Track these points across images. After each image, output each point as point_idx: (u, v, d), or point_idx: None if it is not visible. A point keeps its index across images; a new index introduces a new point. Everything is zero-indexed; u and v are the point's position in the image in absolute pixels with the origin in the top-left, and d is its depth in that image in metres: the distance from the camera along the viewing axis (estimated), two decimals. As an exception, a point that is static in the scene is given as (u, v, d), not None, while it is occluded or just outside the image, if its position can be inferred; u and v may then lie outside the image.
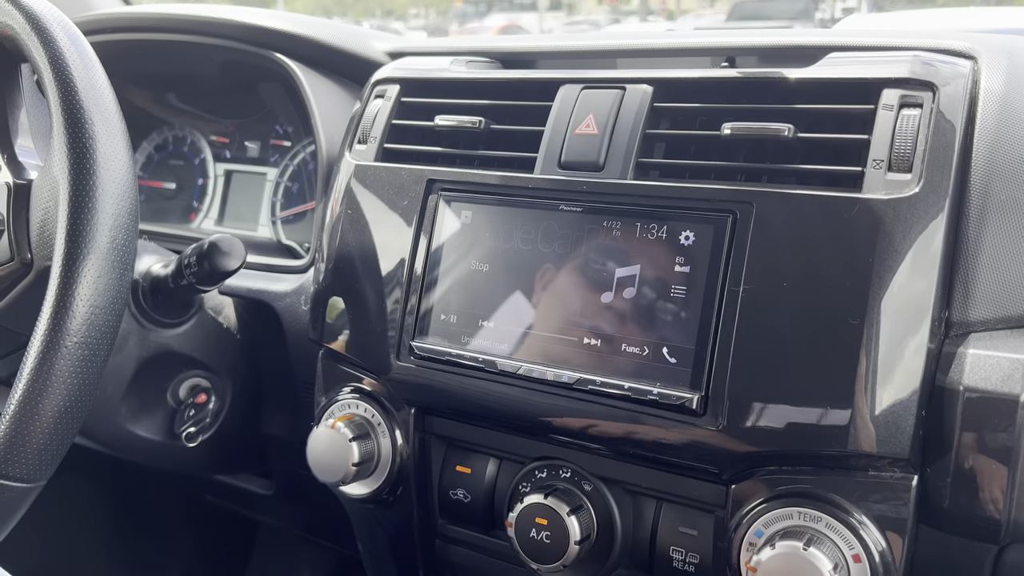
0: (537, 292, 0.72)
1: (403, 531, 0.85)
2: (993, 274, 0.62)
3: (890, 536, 0.61)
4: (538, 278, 0.72)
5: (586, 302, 0.70)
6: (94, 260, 0.61)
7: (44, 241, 0.69)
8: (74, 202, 0.61)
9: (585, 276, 0.70)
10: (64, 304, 0.60)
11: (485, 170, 0.77)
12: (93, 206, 0.61)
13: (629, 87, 0.73)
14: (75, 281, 0.60)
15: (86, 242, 0.61)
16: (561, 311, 0.71)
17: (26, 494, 0.62)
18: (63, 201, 0.62)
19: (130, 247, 0.63)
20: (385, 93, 0.86)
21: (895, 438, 0.60)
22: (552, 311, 0.71)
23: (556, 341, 0.71)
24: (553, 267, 0.72)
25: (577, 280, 0.70)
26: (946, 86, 0.64)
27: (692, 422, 0.64)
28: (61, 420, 0.60)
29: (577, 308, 0.70)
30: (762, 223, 0.63)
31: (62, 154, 0.63)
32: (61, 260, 0.61)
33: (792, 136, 0.65)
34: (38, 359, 0.59)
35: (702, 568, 0.70)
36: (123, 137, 0.66)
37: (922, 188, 0.60)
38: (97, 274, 0.61)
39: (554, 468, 0.75)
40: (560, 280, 0.71)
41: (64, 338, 0.59)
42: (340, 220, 0.83)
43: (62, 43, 0.66)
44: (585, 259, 0.70)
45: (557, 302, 0.71)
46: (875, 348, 0.59)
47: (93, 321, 0.61)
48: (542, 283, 0.72)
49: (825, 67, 0.68)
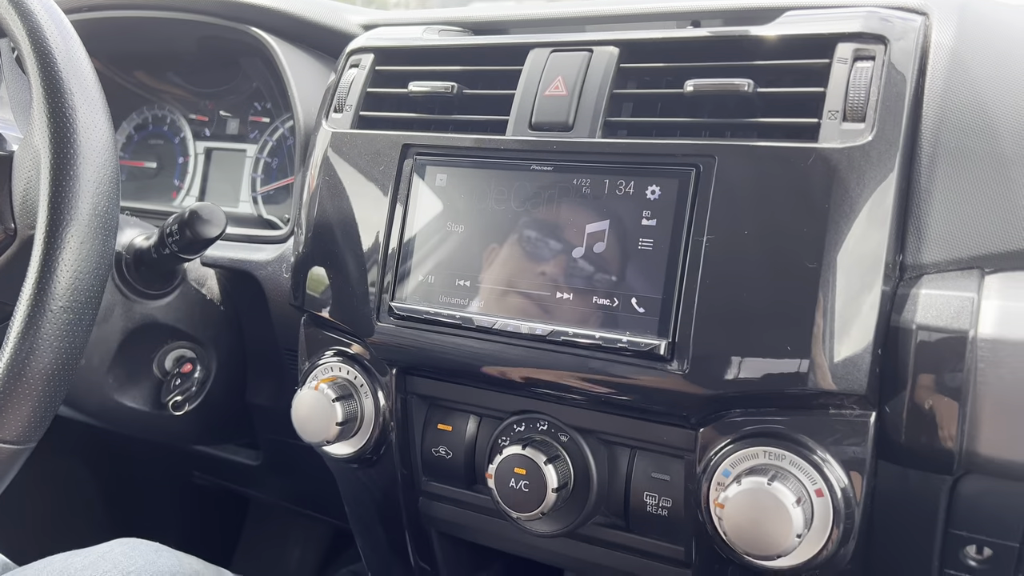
0: (511, 250, 0.74)
1: (387, 490, 0.88)
2: (944, 219, 0.65)
3: (851, 471, 0.64)
4: (511, 236, 0.74)
5: (558, 257, 0.72)
6: (77, 226, 0.62)
7: (27, 211, 0.71)
8: (56, 171, 0.63)
9: (556, 232, 0.72)
10: (48, 270, 0.61)
11: (459, 134, 0.79)
12: (75, 174, 0.63)
13: (596, 49, 0.75)
14: (59, 247, 0.62)
15: (69, 209, 0.62)
16: (534, 267, 0.73)
17: (17, 455, 0.64)
18: (45, 170, 0.64)
19: (112, 214, 0.65)
20: (360, 62, 0.87)
21: (853, 376, 0.62)
22: (525, 267, 0.73)
23: (530, 296, 0.73)
24: (526, 225, 0.74)
25: (549, 236, 0.73)
26: (898, 40, 0.66)
27: (660, 368, 0.67)
28: (49, 383, 0.62)
29: (549, 263, 0.72)
30: (724, 175, 0.66)
31: (42, 124, 0.64)
32: (44, 228, 0.62)
33: (752, 91, 0.68)
34: (24, 324, 0.61)
35: (675, 511, 0.73)
36: (103, 107, 0.67)
37: (875, 137, 0.63)
38: (80, 240, 0.62)
39: (531, 421, 0.77)
40: (533, 237, 0.73)
41: (49, 302, 0.61)
42: (318, 188, 0.85)
43: (40, 16, 0.67)
44: (556, 216, 0.73)
45: (530, 259, 0.73)
46: (832, 291, 0.62)
47: (77, 286, 0.62)
48: (515, 241, 0.74)
49: (783, 24, 0.71)
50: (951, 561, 0.68)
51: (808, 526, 0.63)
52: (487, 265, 0.75)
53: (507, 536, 0.83)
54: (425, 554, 0.92)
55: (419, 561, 0.93)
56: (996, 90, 0.67)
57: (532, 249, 0.74)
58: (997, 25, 0.72)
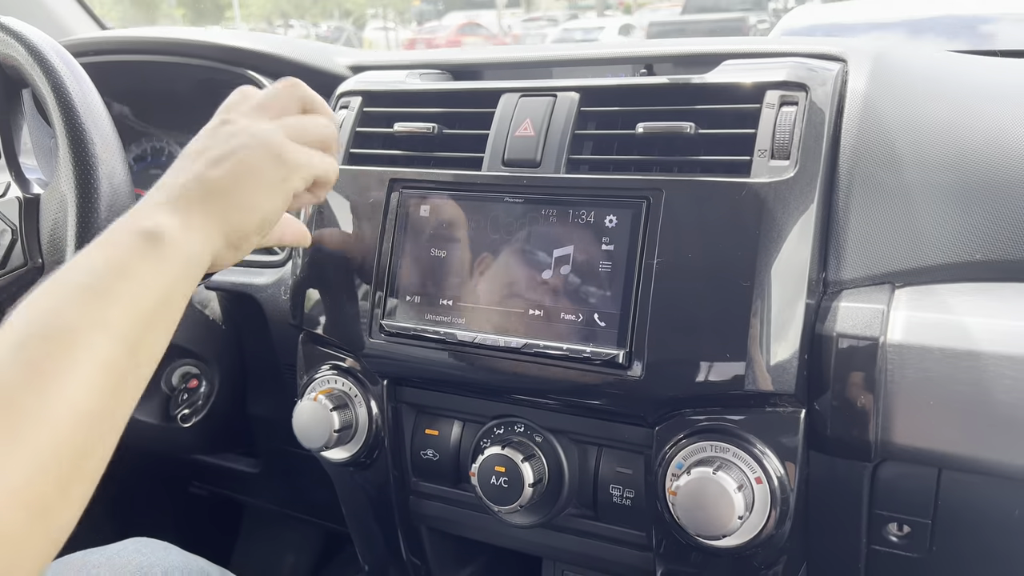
0: (488, 272, 0.84)
1: (381, 490, 0.96)
2: (859, 241, 0.75)
3: (786, 461, 0.74)
4: (488, 260, 0.84)
5: (529, 279, 0.82)
6: None
7: (55, 247, 0.79)
8: (81, 213, 0.72)
9: (528, 257, 0.82)
10: None
11: (440, 169, 0.88)
12: (98, 215, 0.72)
13: (560, 94, 0.85)
14: None
15: None
16: (509, 287, 0.83)
17: None
18: (71, 213, 0.72)
19: None
20: (349, 104, 0.97)
21: (784, 378, 0.72)
22: (501, 288, 0.83)
23: (505, 313, 0.82)
24: (501, 250, 0.83)
25: (521, 260, 0.82)
26: (818, 87, 0.76)
27: (620, 375, 0.77)
28: None
29: (522, 284, 0.82)
30: (670, 206, 0.76)
31: (68, 173, 0.73)
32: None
33: (694, 132, 0.78)
34: None
35: (637, 500, 0.82)
36: (120, 153, 0.76)
37: (798, 172, 0.73)
38: None
39: (509, 424, 0.87)
40: (507, 261, 0.83)
41: None
42: (314, 217, 0.94)
43: (62, 72, 0.76)
44: (527, 242, 0.82)
45: (505, 280, 0.83)
46: (765, 305, 0.72)
47: None
48: (491, 264, 0.84)
49: (721, 73, 0.81)
50: (876, 538, 0.78)
51: (749, 509, 0.72)
52: (467, 286, 0.85)
53: (490, 529, 0.92)
54: (416, 549, 1.01)
55: (411, 556, 1.01)
56: (901, 128, 0.77)
57: (507, 271, 0.83)
58: (905, 71, 0.83)
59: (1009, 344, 0.67)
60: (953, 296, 0.72)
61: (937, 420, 0.69)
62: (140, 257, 0.57)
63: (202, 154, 0.65)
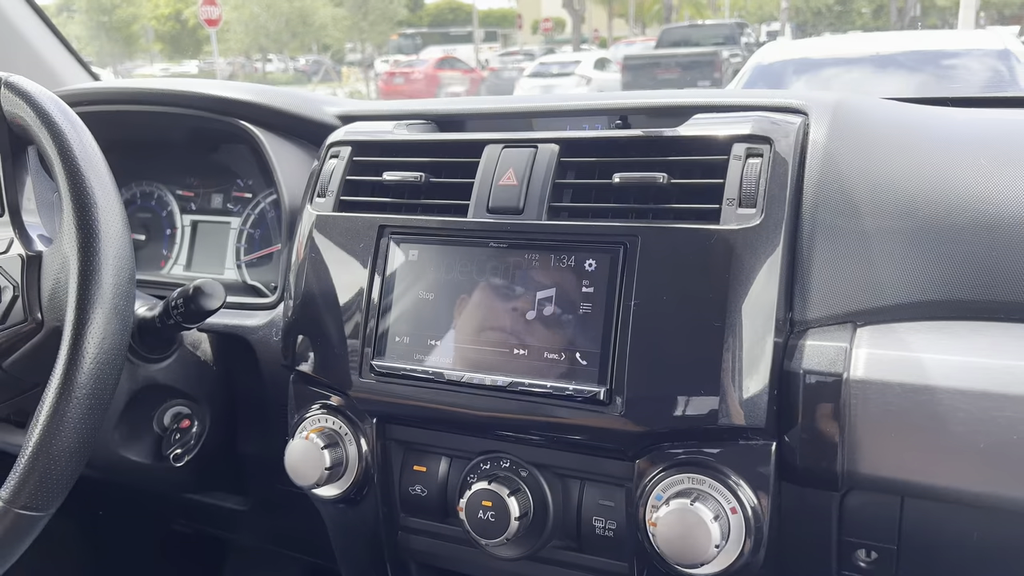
0: (474, 314, 0.88)
1: (370, 526, 0.99)
2: (822, 283, 0.80)
3: (759, 491, 0.78)
4: (474, 302, 0.88)
5: (514, 320, 0.86)
6: (99, 322, 0.73)
7: (55, 305, 0.81)
8: (83, 275, 0.74)
9: (512, 299, 0.86)
10: (74, 360, 0.72)
11: (427, 216, 0.93)
12: (99, 279, 0.74)
13: (540, 146, 0.90)
14: (83, 341, 0.72)
15: (93, 308, 0.73)
16: (494, 328, 0.86)
17: (38, 521, 0.74)
18: (73, 274, 0.74)
19: (129, 310, 0.76)
20: (339, 153, 1.01)
21: (755, 413, 0.77)
22: (487, 329, 0.87)
23: (491, 353, 0.86)
24: (486, 293, 0.87)
25: (506, 302, 0.86)
26: (781, 139, 0.82)
27: (601, 411, 0.81)
28: (71, 457, 0.72)
29: (507, 325, 0.86)
30: (646, 251, 0.80)
31: (71, 234, 0.75)
32: (72, 323, 0.73)
33: (667, 183, 0.83)
34: (52, 407, 0.71)
35: (619, 531, 0.86)
36: (122, 216, 0.78)
37: (764, 219, 0.78)
38: (102, 335, 0.73)
39: (496, 459, 0.90)
40: (492, 303, 0.87)
41: (74, 389, 0.71)
42: (305, 262, 0.98)
43: (68, 135, 0.78)
44: (511, 285, 0.86)
45: (491, 321, 0.87)
46: (735, 344, 0.77)
47: (99, 375, 0.73)
48: (477, 306, 0.88)
49: (692, 126, 0.87)
50: (846, 564, 0.82)
51: (725, 538, 0.76)
52: (454, 327, 0.88)
53: (477, 562, 0.95)
54: (405, 584, 1.03)
55: (399, 591, 1.04)
56: (858, 176, 0.83)
57: (492, 312, 0.87)
58: (862, 121, 0.89)
59: (963, 379, 0.71)
60: (911, 334, 0.77)
61: (898, 450, 0.74)
62: None
63: None
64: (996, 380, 0.70)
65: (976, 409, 0.70)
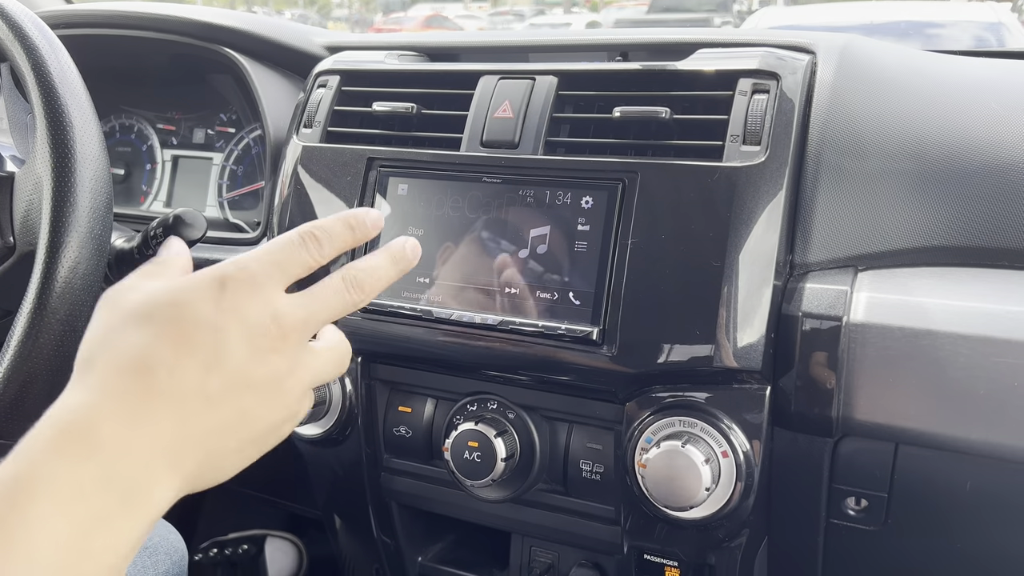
0: (465, 251, 0.85)
1: (352, 467, 0.97)
2: (825, 225, 0.78)
3: (751, 436, 0.77)
4: (465, 239, 0.85)
5: (506, 257, 0.83)
6: (74, 246, 0.69)
7: (27, 229, 0.77)
8: (57, 197, 0.70)
9: (505, 236, 0.84)
10: (47, 285, 0.68)
11: (418, 149, 0.90)
12: (74, 201, 0.70)
13: (538, 78, 0.86)
14: (57, 265, 0.69)
15: (67, 231, 0.69)
16: (486, 266, 0.84)
17: (6, 450, 0.71)
18: (47, 196, 0.70)
19: (105, 235, 0.72)
20: (327, 83, 0.97)
21: (751, 356, 0.75)
22: (478, 266, 0.84)
23: (482, 291, 0.84)
24: (478, 229, 0.85)
25: (498, 239, 0.84)
26: (788, 76, 0.79)
27: (593, 351, 0.79)
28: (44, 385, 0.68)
29: (499, 263, 0.83)
30: (645, 189, 0.78)
31: (45, 154, 0.71)
32: (45, 247, 0.69)
33: (669, 117, 0.80)
34: (24, 332, 0.68)
35: (606, 475, 0.84)
36: (99, 137, 0.74)
37: (768, 157, 0.76)
38: (76, 259, 0.69)
39: (483, 401, 0.88)
40: (484, 240, 0.84)
41: (47, 315, 0.68)
42: (290, 196, 0.95)
43: (43, 50, 0.74)
44: (505, 222, 0.84)
45: (482, 258, 0.84)
46: (733, 285, 0.75)
47: (73, 300, 0.69)
48: (469, 243, 0.85)
49: (696, 60, 0.83)
50: (835, 512, 0.81)
51: (716, 482, 0.75)
52: (444, 264, 0.86)
53: (461, 504, 0.93)
54: (386, 527, 1.02)
55: (381, 535, 1.02)
56: (866, 117, 0.80)
57: (483, 250, 0.85)
58: (871, 62, 0.86)
59: (964, 324, 0.70)
60: (913, 279, 0.75)
61: (895, 397, 0.72)
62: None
63: (201, 389, 0.48)
64: (999, 326, 0.69)
65: (977, 355, 0.69)
